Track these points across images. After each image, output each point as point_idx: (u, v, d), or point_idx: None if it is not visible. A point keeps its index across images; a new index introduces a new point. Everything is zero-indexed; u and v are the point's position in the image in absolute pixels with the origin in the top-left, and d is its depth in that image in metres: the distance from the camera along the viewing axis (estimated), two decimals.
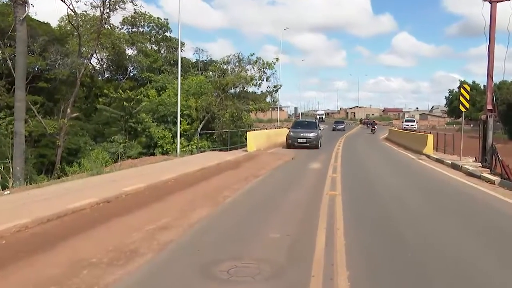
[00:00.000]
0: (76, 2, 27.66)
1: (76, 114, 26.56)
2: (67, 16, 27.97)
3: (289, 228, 5.88)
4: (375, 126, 45.46)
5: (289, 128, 23.15)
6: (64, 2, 23.19)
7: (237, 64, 30.72)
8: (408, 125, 49.19)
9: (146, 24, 38.85)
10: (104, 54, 37.33)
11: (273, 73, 31.00)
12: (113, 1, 25.59)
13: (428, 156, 17.57)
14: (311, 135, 20.91)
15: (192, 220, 6.43)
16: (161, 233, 5.66)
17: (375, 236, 5.54)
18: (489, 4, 13.85)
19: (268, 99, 34.11)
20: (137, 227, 5.91)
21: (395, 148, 23.34)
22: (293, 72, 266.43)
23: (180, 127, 22.98)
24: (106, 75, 39.85)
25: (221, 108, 27.91)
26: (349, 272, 4.21)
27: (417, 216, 6.77)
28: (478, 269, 4.42)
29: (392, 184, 10.40)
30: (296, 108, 67.58)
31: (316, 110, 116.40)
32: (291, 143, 20.81)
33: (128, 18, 37.27)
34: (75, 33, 27.89)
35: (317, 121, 24.11)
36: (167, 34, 39.69)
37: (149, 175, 10.87)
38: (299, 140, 20.63)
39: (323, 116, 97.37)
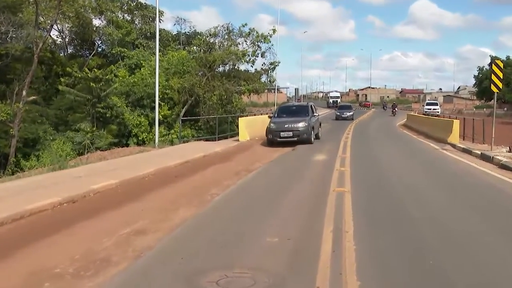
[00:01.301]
0: None
1: (34, 97, 26.38)
2: None
3: (290, 231, 5.91)
4: (396, 109, 54.71)
5: (270, 117, 19.79)
6: None
7: (226, 37, 30.58)
8: (430, 109, 49.46)
9: None
10: (67, 25, 36.96)
11: (269, 48, 30.92)
12: None
13: (454, 146, 17.68)
14: (300, 125, 17.95)
15: (174, 222, 6.45)
16: (138, 238, 5.67)
17: (390, 240, 5.58)
18: None
19: (263, 78, 33.97)
20: (108, 231, 5.91)
21: (415, 137, 23.46)
22: (292, 46, 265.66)
23: (159, 113, 22.92)
24: (69, 51, 39.55)
25: (208, 89, 27.83)
26: (360, 282, 4.24)
27: (440, 217, 6.80)
28: None
29: (411, 179, 10.47)
30: (297, 90, 66.80)
31: (329, 92, 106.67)
32: (272, 139, 18.00)
33: None
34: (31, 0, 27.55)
35: (310, 105, 20.89)
36: (142, 1, 39.38)
37: (122, 169, 10.88)
38: (282, 133, 17.74)
39: (338, 100, 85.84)
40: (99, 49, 38.73)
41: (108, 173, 10.26)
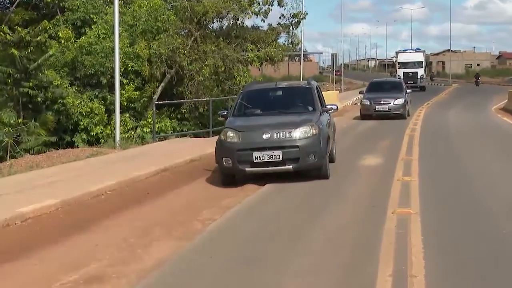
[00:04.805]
0: None
1: None
2: None
3: (326, 276, 5.94)
4: (479, 79, 68.55)
5: (225, 116, 13.90)
6: None
7: None
8: None
9: None
10: None
11: None
12: None
13: None
14: (298, 134, 12.01)
15: (146, 264, 6.49)
16: None
17: None
18: None
19: (282, 39, 33.79)
20: (45, 278, 5.95)
21: None
22: None
23: (122, 95, 22.91)
24: None
25: (196, 57, 27.80)
26: None
27: None
28: None
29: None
30: (334, 56, 66.29)
31: (403, 51, 72.00)
32: (231, 168, 11.82)
33: None
34: None
35: (316, 86, 14.67)
36: None
37: (65, 183, 10.91)
38: (257, 155, 11.58)
39: (419, 72, 63.97)
40: None
41: (44, 188, 10.28)
